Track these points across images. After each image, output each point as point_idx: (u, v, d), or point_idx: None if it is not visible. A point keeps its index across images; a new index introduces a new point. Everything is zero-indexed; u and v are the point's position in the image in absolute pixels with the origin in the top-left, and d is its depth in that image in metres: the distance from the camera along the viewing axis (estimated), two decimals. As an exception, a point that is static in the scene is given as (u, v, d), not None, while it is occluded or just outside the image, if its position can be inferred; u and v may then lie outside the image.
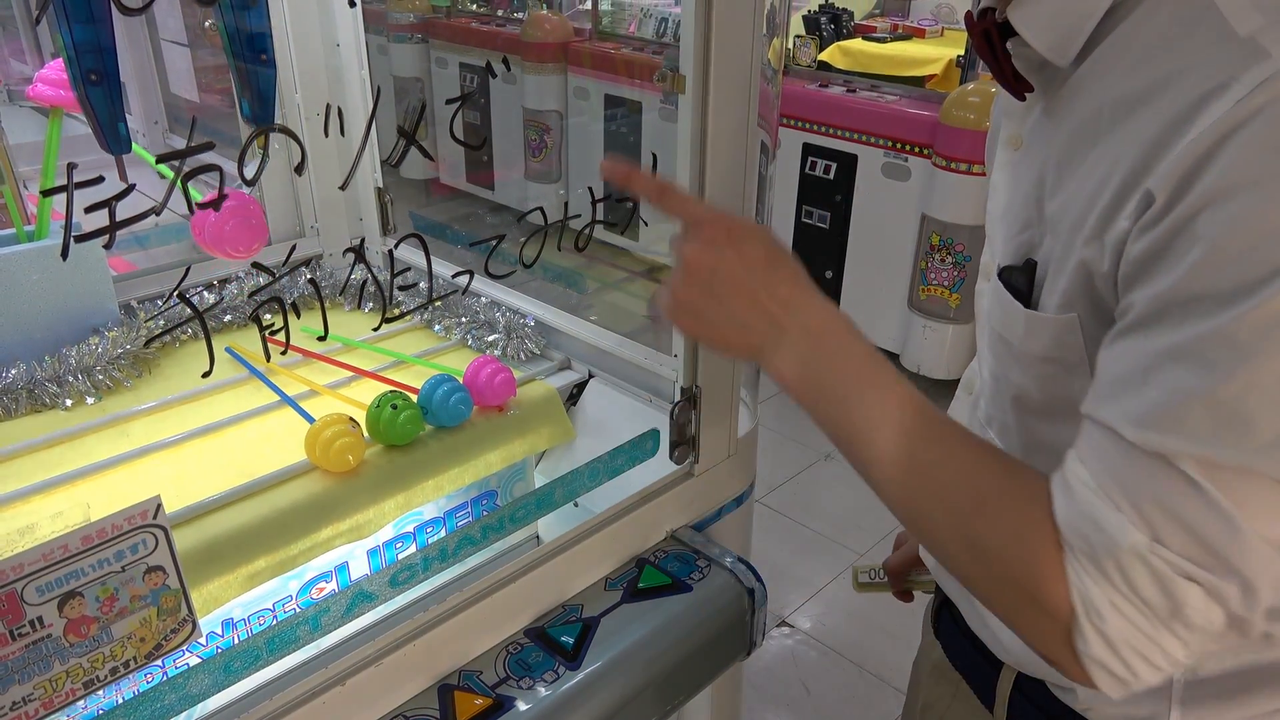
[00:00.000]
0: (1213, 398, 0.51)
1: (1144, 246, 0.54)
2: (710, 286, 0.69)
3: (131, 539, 0.61)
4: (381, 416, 1.08)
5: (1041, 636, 0.60)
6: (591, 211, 0.92)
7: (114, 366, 1.21)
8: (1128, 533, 0.55)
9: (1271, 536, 0.52)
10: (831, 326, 0.68)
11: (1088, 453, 0.58)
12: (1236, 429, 0.51)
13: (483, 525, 0.93)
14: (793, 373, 0.68)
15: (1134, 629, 0.56)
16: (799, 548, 2.76)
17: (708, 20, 0.85)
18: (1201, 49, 0.54)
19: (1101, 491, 0.56)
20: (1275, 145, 0.49)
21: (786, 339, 0.68)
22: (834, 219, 3.51)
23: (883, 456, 0.64)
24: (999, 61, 0.67)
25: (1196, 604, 0.54)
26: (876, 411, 0.65)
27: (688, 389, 1.02)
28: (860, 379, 0.66)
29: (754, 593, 1.00)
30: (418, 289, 1.36)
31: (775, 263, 0.70)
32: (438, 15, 4.97)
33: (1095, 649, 0.57)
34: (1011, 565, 0.60)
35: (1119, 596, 0.55)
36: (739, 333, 0.70)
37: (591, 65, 4.18)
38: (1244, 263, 0.49)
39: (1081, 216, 0.59)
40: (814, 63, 3.71)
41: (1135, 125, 0.56)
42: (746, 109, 0.92)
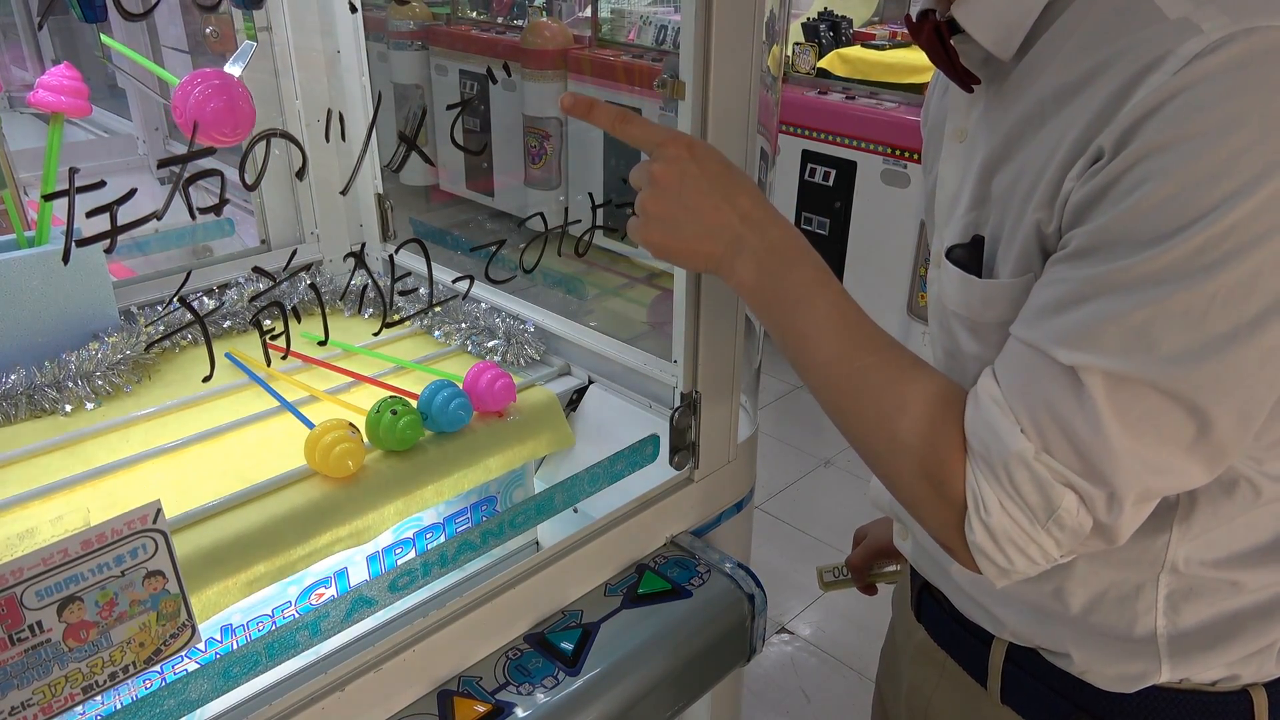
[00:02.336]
0: (1126, 321, 0.58)
1: (1086, 191, 0.59)
2: (679, 196, 0.76)
3: (131, 543, 0.61)
4: (381, 422, 1.07)
5: (940, 524, 0.68)
6: (592, 217, 0.92)
7: (114, 372, 1.21)
8: (1017, 440, 0.62)
9: (1146, 454, 0.60)
10: (787, 240, 0.76)
11: (1004, 368, 0.65)
12: (1142, 346, 0.57)
13: (482, 530, 0.92)
14: (751, 279, 0.75)
15: (1015, 525, 0.64)
16: (799, 554, 2.76)
17: (707, 27, 0.86)
18: (1138, 31, 0.58)
19: (1005, 404, 0.64)
20: (1203, 108, 0.54)
21: (747, 248, 0.75)
22: (833, 226, 3.52)
23: (824, 357, 0.72)
24: (947, 57, 0.72)
25: (1069, 507, 0.62)
26: (822, 318, 0.73)
27: (687, 394, 1.02)
28: (810, 288, 0.74)
29: (754, 599, 1.00)
30: (417, 294, 1.36)
31: (734, 176, 0.78)
32: (438, 22, 4.97)
33: (980, 539, 0.65)
34: (923, 460, 0.68)
35: (1004, 496, 0.63)
36: (705, 240, 0.76)
37: (591, 72, 4.18)
38: (1165, 210, 0.55)
39: (1031, 186, 0.64)
40: (813, 70, 3.71)
41: (1081, 102, 0.61)
42: (746, 115, 0.92)
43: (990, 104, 0.72)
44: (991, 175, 0.70)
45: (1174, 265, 0.55)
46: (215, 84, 0.78)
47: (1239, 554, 0.72)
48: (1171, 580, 0.73)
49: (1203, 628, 0.75)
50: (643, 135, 0.80)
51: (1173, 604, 0.74)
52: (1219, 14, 0.55)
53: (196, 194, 0.68)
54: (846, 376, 0.72)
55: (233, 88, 0.79)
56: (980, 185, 0.71)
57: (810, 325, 0.73)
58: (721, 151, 0.78)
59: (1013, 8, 0.66)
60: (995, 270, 0.70)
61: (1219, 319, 0.56)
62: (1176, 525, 0.71)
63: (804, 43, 3.78)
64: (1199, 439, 0.60)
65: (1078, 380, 0.60)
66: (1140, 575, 0.74)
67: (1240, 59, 0.54)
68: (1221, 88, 0.54)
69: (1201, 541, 0.72)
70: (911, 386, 0.69)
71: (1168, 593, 0.74)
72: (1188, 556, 0.72)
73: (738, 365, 1.05)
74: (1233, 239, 0.54)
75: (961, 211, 0.74)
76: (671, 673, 0.94)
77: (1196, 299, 0.56)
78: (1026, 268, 0.66)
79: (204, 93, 0.78)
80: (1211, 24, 0.55)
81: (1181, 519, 0.71)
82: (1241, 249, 0.54)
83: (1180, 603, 0.74)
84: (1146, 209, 0.56)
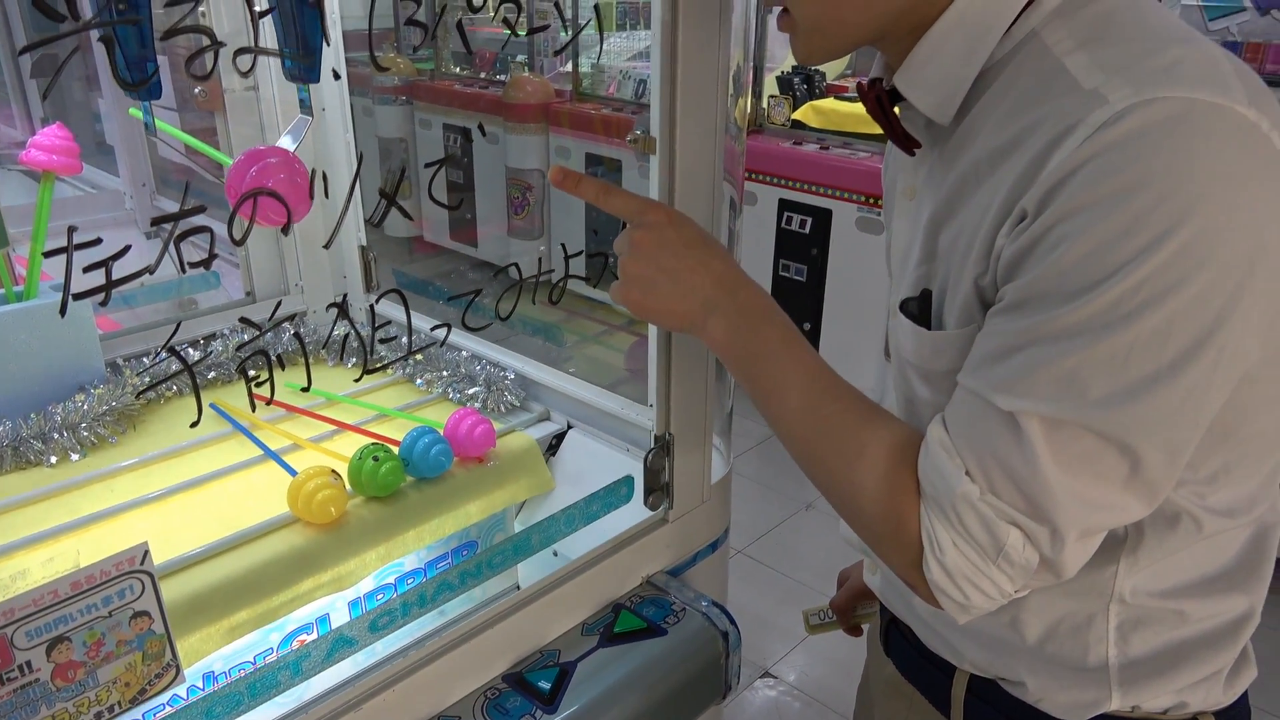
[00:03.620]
0: (1057, 368, 0.62)
1: (1014, 249, 0.64)
2: (657, 259, 0.82)
3: (119, 584, 0.63)
4: (363, 469, 1.10)
5: (901, 563, 0.72)
6: (565, 266, 0.96)
7: (99, 423, 1.23)
8: (963, 482, 0.66)
9: (1084, 492, 0.63)
10: (757, 301, 0.82)
11: (951, 415, 0.69)
12: (1074, 392, 0.61)
13: (460, 571, 0.94)
14: (724, 337, 0.81)
15: (968, 562, 0.67)
16: (781, 597, 2.76)
17: (673, 84, 0.90)
18: (1056, 100, 0.63)
19: (953, 448, 0.67)
20: (1108, 176, 0.58)
21: (720, 308, 0.81)
22: (811, 272, 3.58)
23: (791, 407, 0.78)
24: (890, 123, 0.77)
25: (1016, 544, 0.66)
26: (789, 371, 0.78)
27: (661, 436, 1.05)
28: (778, 345, 0.79)
29: (728, 636, 1.02)
30: (398, 342, 1.39)
31: (709, 242, 0.84)
32: (422, 78, 5.07)
33: (938, 577, 0.68)
34: (881, 504, 0.72)
35: (956, 535, 0.67)
36: (681, 300, 0.82)
37: (572, 125, 4.27)
38: (1084, 266, 0.60)
39: (969, 243, 0.69)
40: (788, 121, 3.81)
41: (1009, 165, 0.65)
42: (712, 166, 0.97)
43: (934, 165, 0.76)
44: (937, 232, 0.74)
45: (1095, 316, 0.59)
46: (272, 163, 0.81)
47: (1184, 585, 0.76)
48: (1121, 610, 0.76)
49: (1151, 656, 0.77)
50: (624, 205, 0.86)
51: (1123, 634, 0.77)
52: (1124, 85, 0.60)
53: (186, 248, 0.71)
54: (812, 425, 0.77)
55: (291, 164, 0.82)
56: (928, 241, 0.75)
57: (778, 378, 0.78)
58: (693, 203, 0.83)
59: (948, 77, 0.70)
60: (943, 322, 0.74)
61: (1140, 364, 0.60)
62: (1124, 558, 0.74)
63: (779, 95, 3.87)
64: (1132, 476, 0.63)
65: (1017, 425, 0.63)
66: (1091, 606, 0.77)
67: (1141, 128, 0.58)
68: (1126, 154, 0.58)
69: (1148, 573, 0.75)
70: (870, 434, 0.74)
71: (1118, 623, 0.77)
72: (1134, 587, 0.75)
73: (710, 407, 1.09)
74: (1145, 290, 0.58)
75: (912, 266, 0.78)
76: (647, 710, 0.96)
77: (1118, 346, 0.60)
78: (970, 319, 0.70)
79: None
80: (1117, 95, 0.59)
81: (1129, 552, 0.74)
82: (1154, 299, 0.58)
83: (1130, 632, 0.77)
84: (1067, 266, 0.60)
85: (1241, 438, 0.70)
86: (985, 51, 0.69)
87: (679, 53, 0.89)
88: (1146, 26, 0.64)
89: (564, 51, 4.60)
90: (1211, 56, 0.62)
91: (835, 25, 0.73)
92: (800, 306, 3.65)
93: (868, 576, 1.00)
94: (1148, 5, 0.67)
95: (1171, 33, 0.64)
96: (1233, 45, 3.51)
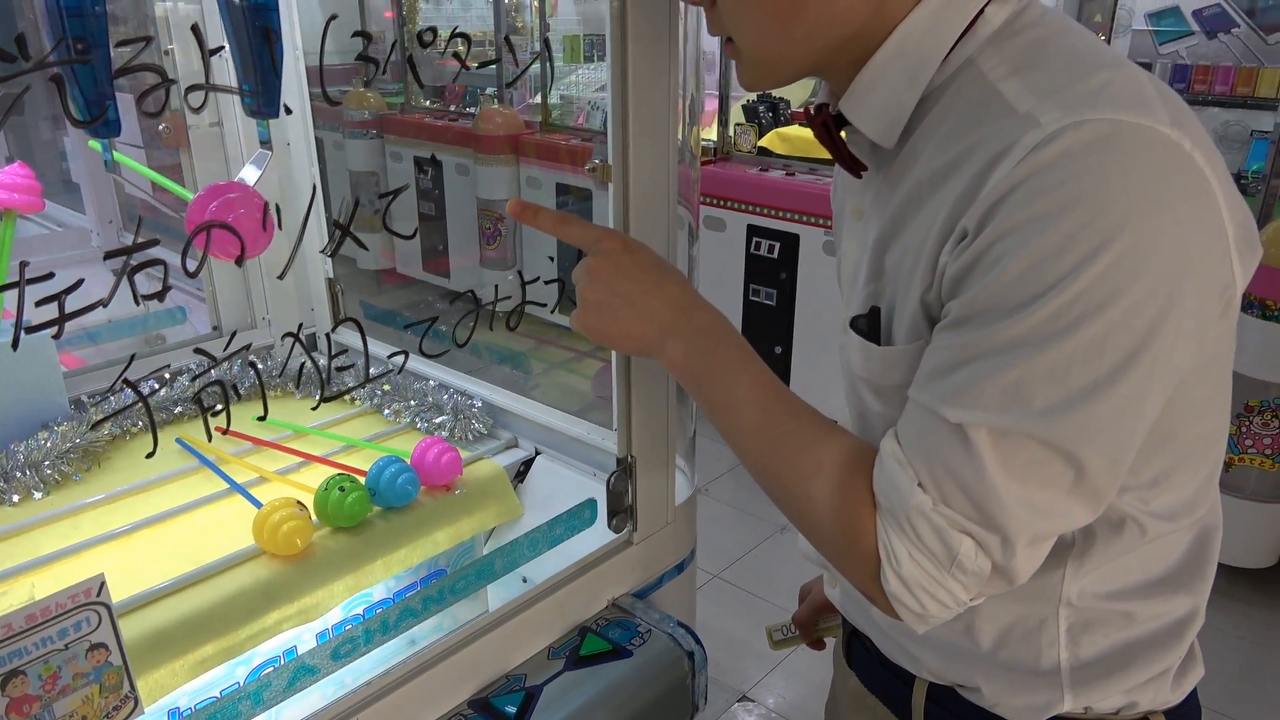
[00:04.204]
0: (1001, 380, 0.64)
1: (957, 267, 0.66)
2: (613, 286, 0.84)
3: (75, 617, 0.63)
4: (329, 499, 1.10)
5: (859, 575, 0.73)
6: (522, 293, 0.97)
7: (63, 461, 1.23)
8: (916, 494, 0.68)
9: (1032, 499, 0.65)
10: (713, 323, 0.83)
11: (903, 428, 0.71)
12: (1018, 402, 0.63)
13: (423, 596, 0.95)
14: (681, 359, 0.83)
15: (923, 572, 0.68)
16: (758, 620, 2.76)
17: (625, 112, 0.92)
18: (992, 124, 0.66)
19: (905, 461, 0.69)
20: (1042, 195, 0.61)
21: (677, 331, 0.83)
22: (780, 296, 3.62)
23: (747, 426, 0.79)
24: (837, 147, 0.79)
25: (968, 553, 0.67)
26: (745, 390, 0.80)
27: (623, 459, 1.06)
28: (734, 365, 0.81)
29: (694, 656, 1.03)
30: (355, 369, 1.40)
31: (664, 267, 0.86)
32: (392, 111, 5.11)
33: (895, 588, 0.70)
34: (837, 517, 0.73)
35: (911, 546, 0.69)
36: (637, 324, 0.84)
37: (543, 156, 4.31)
38: (1022, 282, 0.62)
39: (914, 261, 0.71)
40: (754, 149, 3.86)
41: (950, 186, 0.67)
42: (667, 192, 0.99)
43: (880, 187, 0.79)
44: (884, 252, 0.76)
45: (1035, 329, 0.62)
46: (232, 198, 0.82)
47: (1130, 587, 0.78)
48: (1070, 614, 0.78)
49: (1101, 658, 0.79)
50: (581, 234, 0.89)
51: (1073, 636, 0.79)
52: (1055, 109, 0.62)
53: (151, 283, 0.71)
54: (768, 442, 0.78)
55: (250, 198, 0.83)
56: (875, 261, 0.78)
57: (735, 398, 0.80)
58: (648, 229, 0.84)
59: (891, 104, 0.73)
60: (892, 338, 0.76)
61: (1079, 375, 0.62)
62: (1070, 562, 0.76)
63: (745, 123, 3.93)
64: (1077, 482, 0.65)
65: (965, 436, 0.65)
66: (1042, 610, 0.79)
67: (1070, 148, 0.61)
68: (1058, 174, 0.61)
69: (1094, 576, 0.77)
70: (825, 449, 0.75)
71: (1068, 626, 0.78)
72: (1081, 590, 0.77)
73: (672, 429, 1.10)
74: (1081, 304, 0.60)
75: (861, 284, 0.80)
76: (615, 732, 0.96)
77: (1058, 358, 0.62)
78: (917, 335, 0.72)
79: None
80: (1048, 118, 0.62)
81: (1075, 556, 0.76)
82: (1090, 312, 0.61)
83: (1080, 635, 0.79)
84: (1007, 281, 0.62)
85: (1179, 443, 0.73)
86: (925, 78, 0.71)
87: (630, 82, 0.91)
88: (1075, 54, 0.68)
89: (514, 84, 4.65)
90: (1136, 81, 0.65)
91: (778, 55, 0.75)
92: (771, 330, 3.68)
93: (828, 589, 1.01)
94: (1076, 34, 0.70)
95: (1099, 59, 0.67)
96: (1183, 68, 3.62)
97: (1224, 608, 2.81)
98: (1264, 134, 3.18)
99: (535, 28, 4.60)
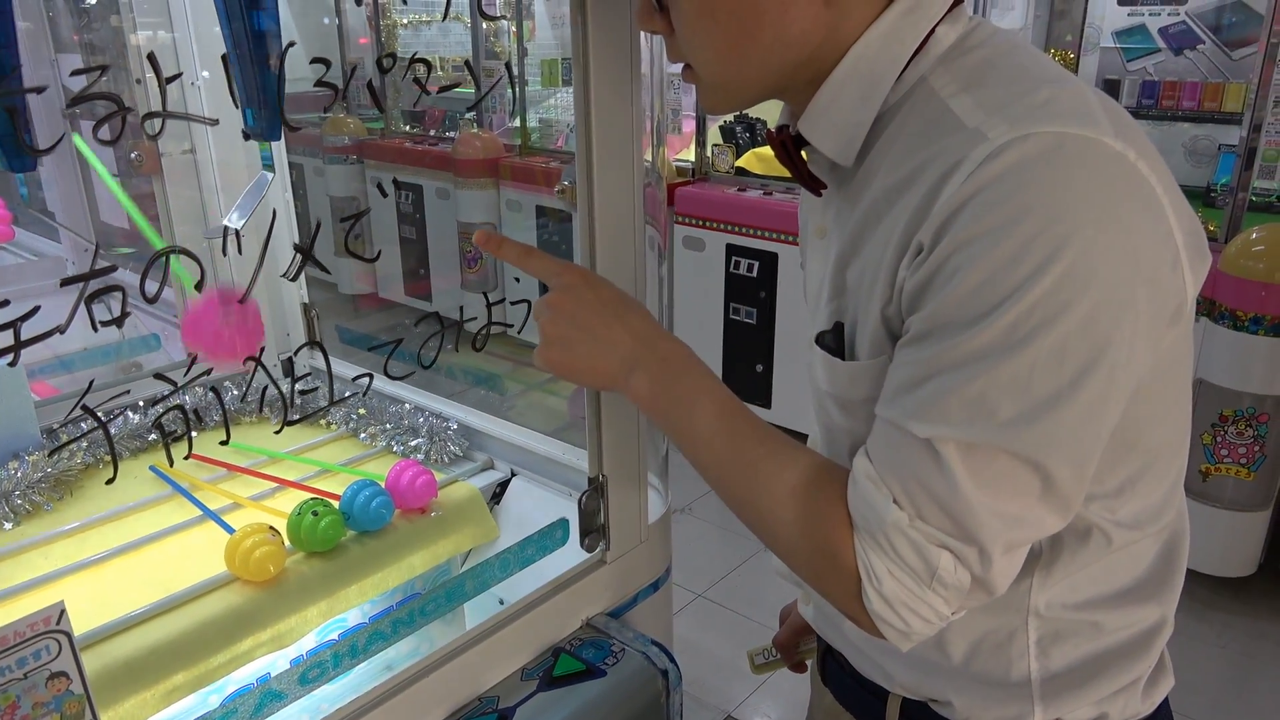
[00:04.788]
0: (965, 392, 0.64)
1: (915, 282, 0.67)
2: (575, 319, 0.84)
3: (34, 645, 0.63)
4: (302, 524, 1.09)
5: (840, 596, 0.73)
6: (487, 314, 0.98)
7: (34, 490, 1.22)
8: (891, 511, 0.68)
9: (1003, 509, 0.66)
10: (675, 353, 0.83)
11: (873, 446, 0.71)
12: (983, 414, 0.64)
13: (393, 620, 0.95)
14: (646, 391, 0.82)
15: (904, 589, 0.68)
16: (743, 640, 2.75)
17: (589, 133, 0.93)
18: (942, 139, 0.67)
19: (878, 478, 0.69)
20: (993, 208, 0.62)
21: (640, 363, 0.82)
22: (760, 315, 3.64)
23: (716, 455, 0.79)
24: (796, 166, 0.80)
25: (947, 566, 0.67)
26: (712, 419, 0.79)
27: (595, 478, 1.07)
28: (698, 395, 0.81)
29: (668, 674, 1.03)
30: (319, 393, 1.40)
31: (625, 300, 0.86)
32: (372, 136, 5.12)
33: (877, 607, 0.69)
34: (815, 540, 0.73)
35: (890, 564, 0.68)
36: (600, 358, 0.83)
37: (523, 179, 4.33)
38: (979, 294, 0.63)
39: (873, 277, 0.72)
40: (732, 169, 3.89)
41: (904, 202, 0.69)
42: (633, 212, 1.00)
43: (840, 205, 0.80)
44: (845, 268, 0.77)
45: (994, 341, 0.62)
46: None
47: (1098, 597, 0.79)
48: (1039, 625, 0.79)
49: (1070, 669, 0.80)
50: (542, 267, 0.88)
51: (1043, 648, 0.79)
52: (1001, 123, 0.64)
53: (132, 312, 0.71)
54: (739, 470, 0.78)
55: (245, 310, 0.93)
56: (837, 277, 0.79)
57: (702, 427, 0.79)
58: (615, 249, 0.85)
59: (848, 123, 0.75)
60: (855, 353, 0.77)
61: (1041, 384, 0.63)
62: (1038, 572, 0.77)
63: (722, 144, 3.96)
64: (1045, 491, 0.66)
65: (935, 450, 0.65)
66: (1011, 622, 0.79)
67: (1019, 161, 0.62)
68: (1007, 187, 0.62)
69: (1062, 587, 0.78)
70: (795, 472, 0.75)
71: (1038, 637, 0.79)
72: (1049, 601, 0.78)
73: (643, 447, 1.10)
74: (1038, 313, 0.61)
75: (825, 301, 0.81)
76: (590, 753, 0.96)
77: (1020, 368, 0.62)
78: (880, 350, 0.73)
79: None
80: (995, 132, 0.63)
81: (1042, 567, 0.77)
82: (1047, 321, 0.62)
83: (1049, 646, 0.79)
84: (963, 294, 0.63)
85: (1142, 450, 0.74)
86: (880, 97, 0.73)
87: (593, 104, 0.92)
88: (1022, 71, 0.69)
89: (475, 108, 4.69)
90: (1081, 95, 0.67)
91: (736, 79, 0.77)
92: (752, 348, 3.70)
93: (801, 607, 1.01)
94: (1024, 52, 0.72)
95: (1044, 75, 0.68)
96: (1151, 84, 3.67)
97: (1206, 618, 2.83)
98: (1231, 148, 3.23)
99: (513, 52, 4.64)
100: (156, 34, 1.47)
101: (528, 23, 4.76)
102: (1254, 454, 2.69)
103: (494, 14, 4.30)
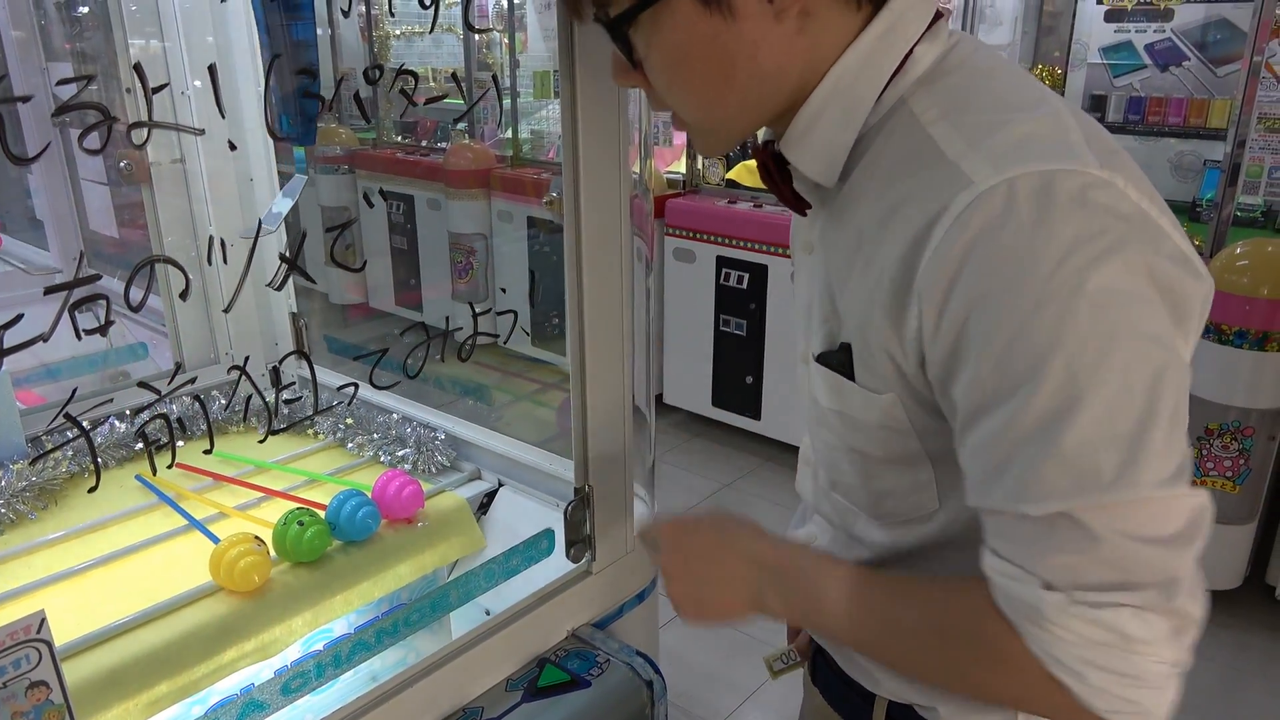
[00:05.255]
0: (1057, 456, 0.61)
1: (940, 351, 0.65)
2: (690, 573, 0.85)
3: (14, 654, 0.63)
4: (288, 534, 1.09)
5: (1065, 713, 0.66)
6: (473, 324, 0.98)
7: (19, 499, 1.21)
8: (1045, 597, 0.63)
9: (1156, 539, 0.62)
10: (783, 558, 0.83)
11: (997, 542, 0.67)
12: (1089, 475, 0.61)
13: (377, 630, 0.94)
14: (780, 604, 0.82)
15: (1109, 672, 0.63)
16: (733, 651, 2.75)
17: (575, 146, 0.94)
18: (923, 172, 0.66)
19: (1019, 572, 0.65)
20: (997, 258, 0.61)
21: (765, 585, 0.82)
22: (750, 326, 3.65)
23: (858, 625, 0.77)
24: (779, 186, 0.80)
25: (1132, 622, 0.62)
26: (842, 599, 0.78)
27: (580, 488, 1.07)
28: (820, 582, 0.79)
29: (653, 685, 1.03)
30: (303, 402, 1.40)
31: (725, 530, 0.86)
32: (364, 147, 5.13)
33: (1098, 703, 0.64)
34: (994, 674, 0.69)
35: (1079, 649, 0.63)
36: (733, 598, 0.83)
37: (513, 190, 4.34)
38: (1012, 354, 0.61)
39: (865, 313, 0.71)
40: (722, 181, 3.91)
41: (890, 237, 0.67)
42: (619, 223, 1.00)
43: (826, 222, 0.80)
44: (835, 295, 0.77)
45: (1056, 393, 0.60)
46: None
47: None
48: None
49: None
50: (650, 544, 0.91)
51: None
52: (984, 164, 0.62)
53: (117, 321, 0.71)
54: (881, 632, 0.77)
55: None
56: (827, 301, 0.78)
57: (835, 607, 0.78)
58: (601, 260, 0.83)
59: (829, 144, 0.74)
60: (860, 379, 0.75)
61: (1123, 420, 0.60)
62: None
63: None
64: (1170, 492, 0.62)
65: (1059, 522, 0.62)
66: None
67: (1010, 208, 0.61)
68: (1008, 235, 0.60)
69: None
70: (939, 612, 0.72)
71: None
72: None
73: (629, 458, 1.11)
74: (1089, 351, 0.59)
75: (818, 322, 0.80)
76: (574, 764, 0.96)
77: (1096, 413, 0.60)
78: (887, 388, 0.72)
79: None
80: (980, 175, 0.62)
81: None
82: (1103, 354, 0.59)
83: None
84: (999, 354, 0.61)
85: None
86: (860, 119, 0.73)
87: (579, 116, 0.93)
88: (1000, 100, 0.68)
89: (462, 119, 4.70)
90: (1062, 125, 0.66)
91: (721, 123, 0.76)
92: (742, 360, 3.70)
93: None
94: (1003, 73, 0.72)
95: (1024, 100, 0.68)
96: (1137, 100, 3.71)
97: (1192, 630, 2.83)
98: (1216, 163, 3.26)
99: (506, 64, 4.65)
100: (149, 43, 1.47)
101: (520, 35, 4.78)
102: (1239, 467, 2.71)
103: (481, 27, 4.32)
